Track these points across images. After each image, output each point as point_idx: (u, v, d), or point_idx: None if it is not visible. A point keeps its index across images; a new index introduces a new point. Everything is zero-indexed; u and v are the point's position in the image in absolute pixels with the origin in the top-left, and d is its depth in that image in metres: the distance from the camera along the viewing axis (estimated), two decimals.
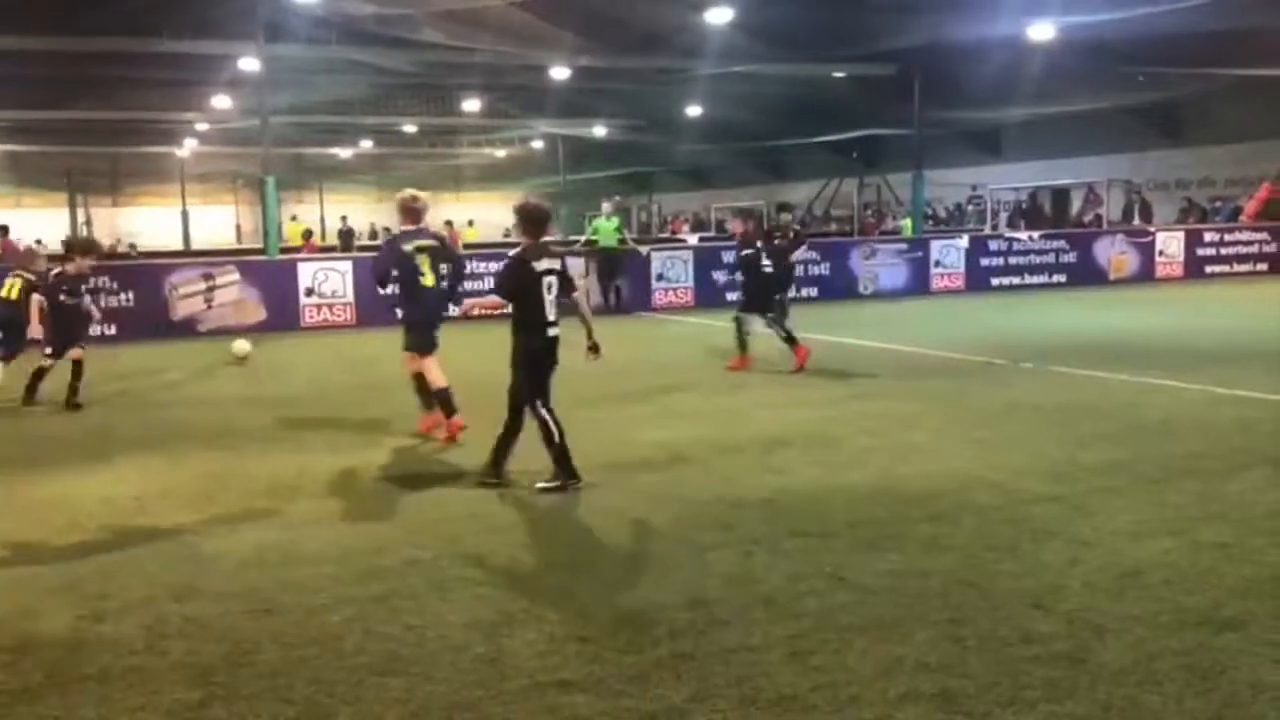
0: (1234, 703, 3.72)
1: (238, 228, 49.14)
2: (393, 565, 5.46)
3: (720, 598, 4.85)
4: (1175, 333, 14.54)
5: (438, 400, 8.59)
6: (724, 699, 3.86)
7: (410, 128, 41.05)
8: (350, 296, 18.19)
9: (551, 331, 6.92)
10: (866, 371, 11.65)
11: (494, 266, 19.27)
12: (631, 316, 19.08)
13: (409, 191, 8.96)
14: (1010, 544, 5.50)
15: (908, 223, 29.99)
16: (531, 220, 6.95)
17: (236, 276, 17.89)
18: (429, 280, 8.61)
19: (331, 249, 29.28)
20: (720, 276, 20.39)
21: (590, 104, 35.94)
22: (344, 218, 38.96)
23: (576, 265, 19.50)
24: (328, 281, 18.17)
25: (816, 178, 40.12)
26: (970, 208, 35.68)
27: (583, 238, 21.40)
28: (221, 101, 32.38)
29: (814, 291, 20.97)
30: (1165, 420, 8.54)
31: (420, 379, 8.76)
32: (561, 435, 6.84)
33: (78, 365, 10.80)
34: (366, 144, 45.24)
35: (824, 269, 21.26)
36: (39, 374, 10.74)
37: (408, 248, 8.57)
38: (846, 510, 6.22)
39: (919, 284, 21.79)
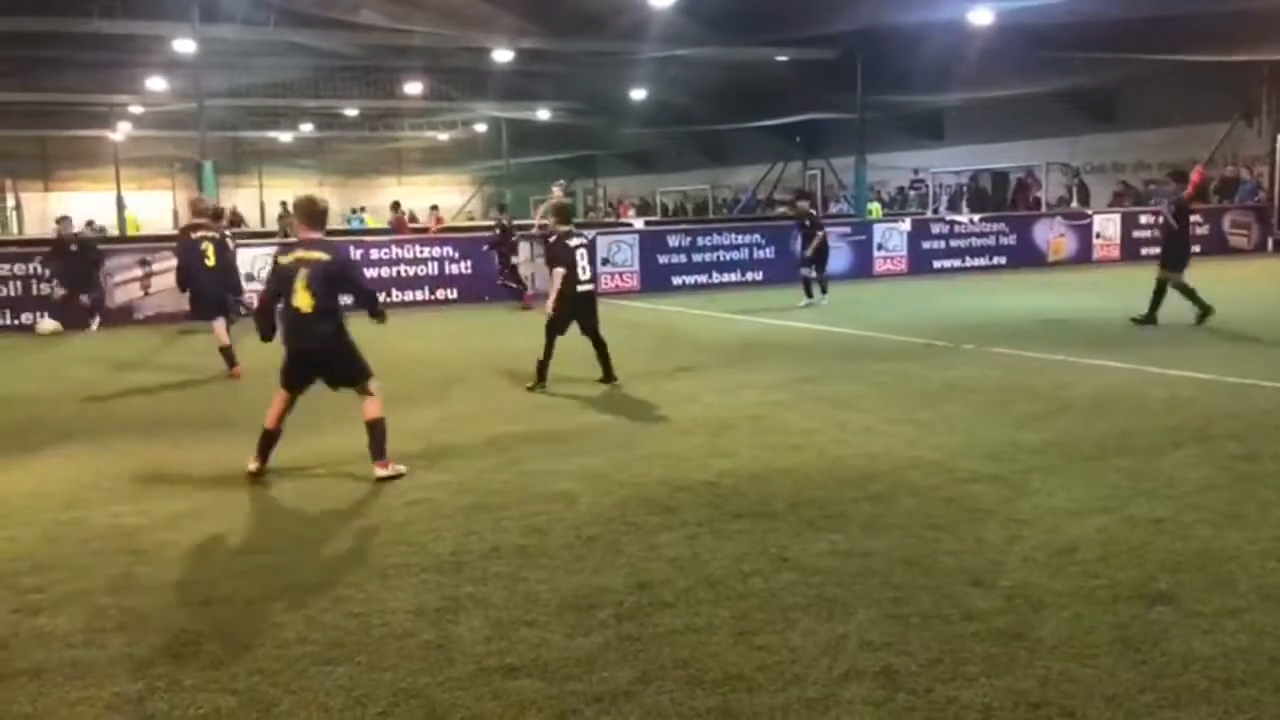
0: (1166, 673, 3.82)
1: (175, 213, 48.16)
2: (336, 554, 5.42)
3: (666, 580, 4.87)
4: (1111, 314, 14.82)
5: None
6: (670, 680, 3.88)
7: (351, 111, 40.55)
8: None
9: (583, 288, 9.92)
10: (810, 354, 11.75)
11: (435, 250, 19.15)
12: None
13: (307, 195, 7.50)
14: (950, 523, 5.59)
15: (875, 206, 30.23)
16: (563, 213, 10.38)
17: (174, 262, 17.52)
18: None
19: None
20: (665, 260, 20.44)
21: (533, 87, 35.76)
22: (284, 203, 38.31)
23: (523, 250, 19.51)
24: (268, 267, 17.89)
25: (760, 162, 40.27)
26: (912, 192, 36.02)
27: (536, 221, 21.27)
28: (156, 84, 31.73)
29: (758, 275, 21.07)
30: (1100, 400, 8.71)
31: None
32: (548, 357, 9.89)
33: None
34: (307, 128, 44.55)
35: (769, 253, 21.36)
36: None
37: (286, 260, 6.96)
38: (790, 492, 6.28)
39: (862, 267, 21.98)
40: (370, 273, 18.46)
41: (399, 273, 18.77)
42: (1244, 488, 6.06)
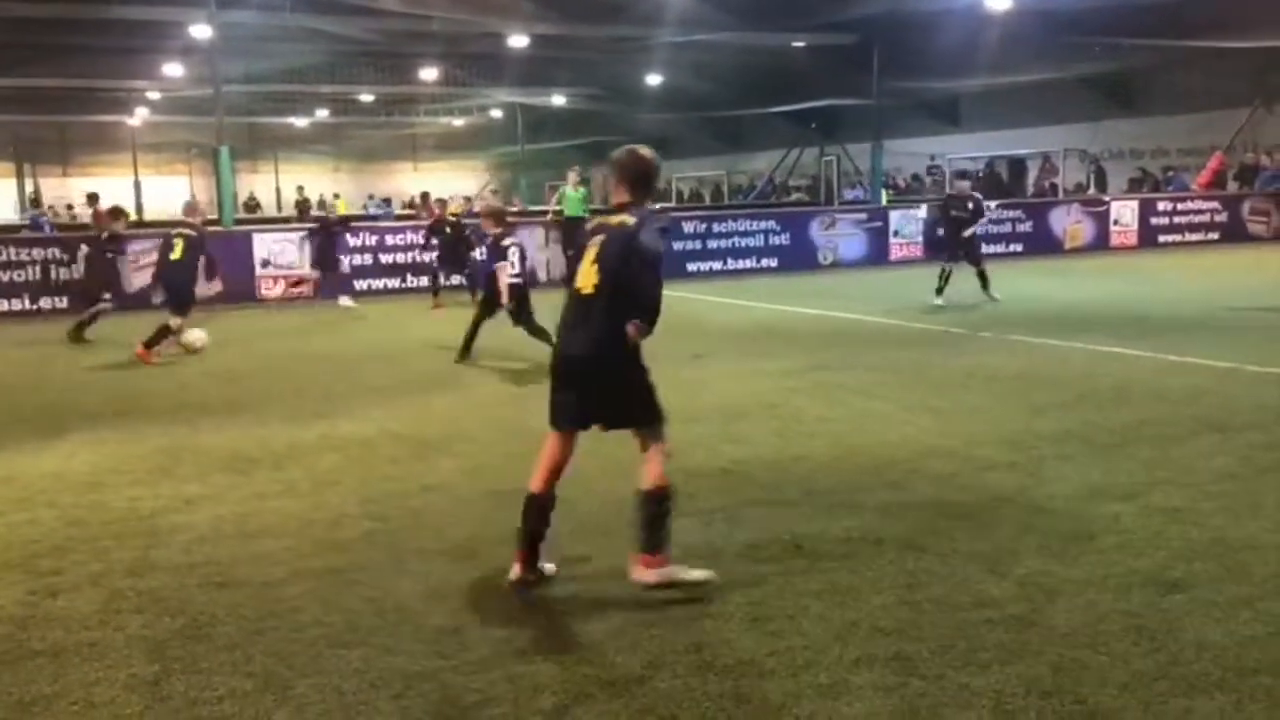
0: (1179, 661, 3.81)
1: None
2: (351, 538, 5.44)
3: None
4: (1129, 301, 14.74)
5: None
6: (682, 665, 3.90)
7: (367, 97, 40.59)
8: (307, 268, 17.99)
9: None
10: (826, 341, 11.73)
11: None
12: None
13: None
14: (965, 510, 5.58)
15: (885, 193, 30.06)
16: (498, 216, 9.03)
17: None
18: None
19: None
20: (680, 246, 20.40)
21: (549, 73, 35.71)
22: (300, 188, 38.47)
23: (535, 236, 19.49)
24: (284, 253, 17.97)
25: (776, 147, 40.12)
26: (928, 178, 35.85)
27: (550, 208, 21.26)
28: (174, 69, 31.83)
29: (773, 262, 21.03)
30: (1118, 388, 8.67)
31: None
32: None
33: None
34: (322, 113, 44.62)
35: (784, 239, 21.30)
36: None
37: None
38: (804, 479, 6.27)
39: (878, 254, 21.90)
40: (385, 258, 18.54)
41: (413, 258, 18.78)
42: (1263, 478, 6.02)
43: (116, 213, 14.39)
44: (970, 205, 15.30)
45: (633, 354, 4.61)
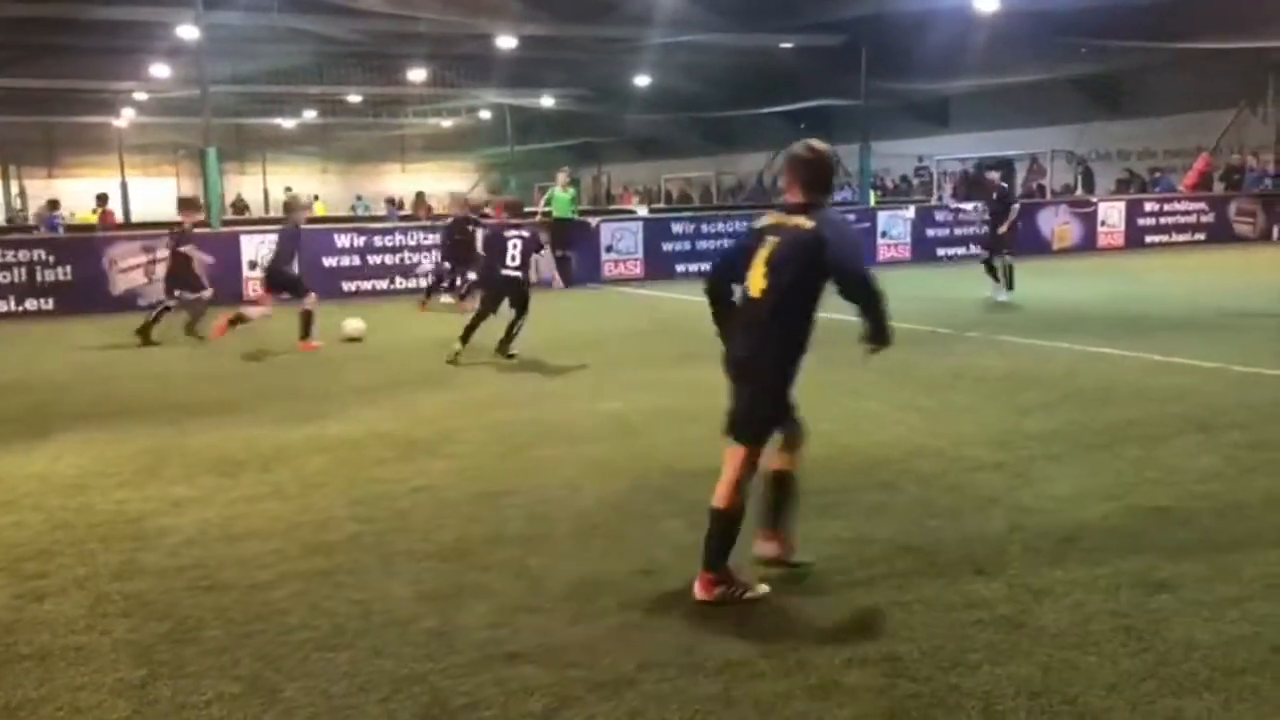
0: (1167, 661, 3.82)
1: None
2: (338, 540, 5.42)
3: (669, 567, 4.87)
4: (1116, 301, 14.78)
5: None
6: (672, 667, 3.89)
7: (355, 98, 40.49)
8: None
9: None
10: (816, 341, 11.70)
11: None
12: (581, 288, 19.02)
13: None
14: (954, 511, 5.59)
15: (872, 194, 30.07)
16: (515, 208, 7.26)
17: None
18: None
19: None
20: (669, 247, 20.40)
21: (537, 74, 35.69)
22: (288, 189, 38.37)
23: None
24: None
25: (765, 148, 40.14)
26: (916, 179, 35.95)
27: (540, 208, 21.26)
28: (160, 70, 31.71)
29: None
30: (1104, 388, 8.69)
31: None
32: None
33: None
34: (310, 114, 44.51)
35: None
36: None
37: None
38: None
39: (866, 254, 21.77)
40: (374, 260, 18.49)
41: (403, 260, 18.75)
42: (1248, 477, 6.05)
43: (188, 206, 14.21)
44: (995, 197, 15.25)
45: (783, 364, 4.59)
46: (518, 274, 10.85)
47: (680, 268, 20.42)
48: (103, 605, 4.63)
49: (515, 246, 10.79)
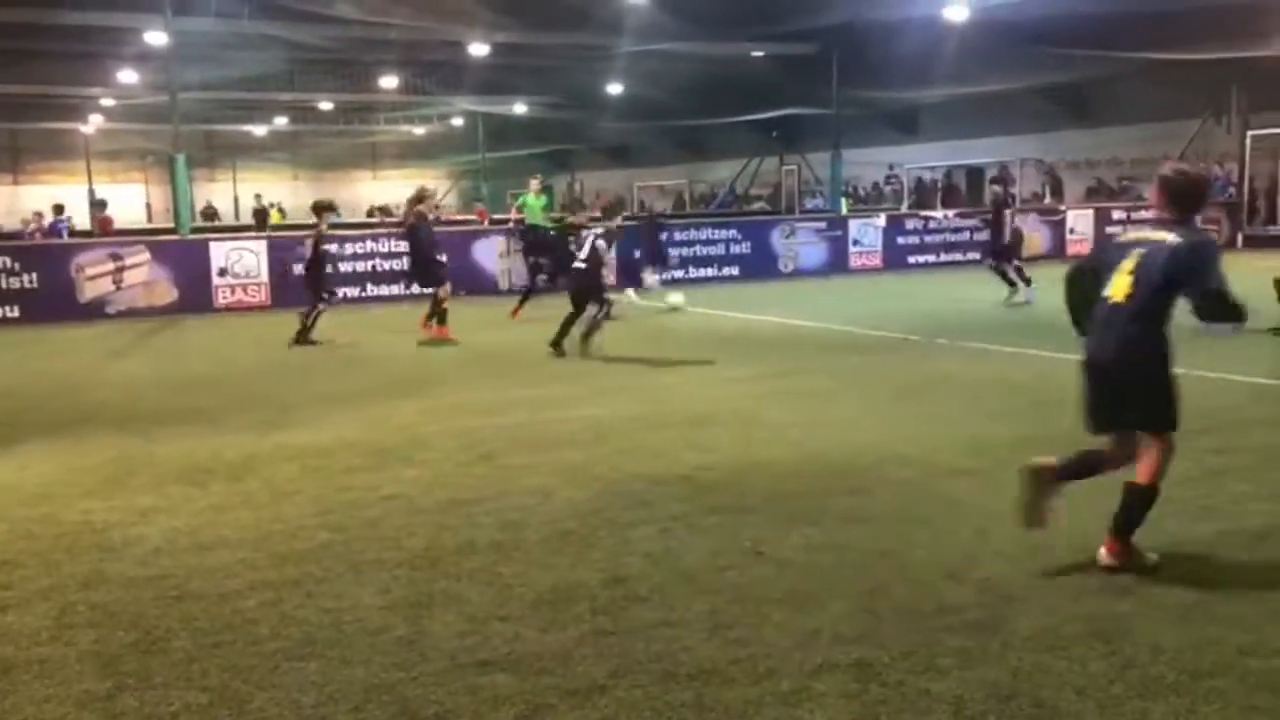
0: (1135, 665, 3.85)
1: (148, 207, 47.79)
2: (308, 548, 5.38)
3: (640, 574, 4.87)
4: None
5: None
6: (645, 674, 3.88)
7: (326, 105, 40.27)
8: (265, 276, 17.83)
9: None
10: (789, 349, 11.78)
11: None
12: (554, 296, 18.98)
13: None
14: (925, 516, 5.61)
15: (844, 202, 30.20)
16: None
17: (147, 256, 17.42)
18: None
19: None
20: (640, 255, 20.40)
21: (509, 81, 35.61)
22: (258, 196, 38.14)
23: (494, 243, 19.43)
24: (241, 261, 17.79)
25: (737, 157, 40.30)
26: (887, 187, 36.16)
27: (511, 216, 21.21)
28: (128, 76, 31.44)
29: (735, 270, 21.10)
30: (1074, 393, 8.73)
31: None
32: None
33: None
34: (281, 121, 44.25)
35: (745, 248, 21.39)
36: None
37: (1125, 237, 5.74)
38: (766, 485, 6.29)
39: (838, 262, 22.05)
40: (345, 267, 18.40)
41: (374, 266, 18.66)
42: (1215, 481, 6.11)
43: (320, 208, 14.07)
44: (992, 204, 16.31)
45: (1158, 359, 4.75)
46: (586, 267, 11.77)
47: (644, 276, 20.41)
48: (68, 616, 4.57)
49: (588, 244, 11.77)
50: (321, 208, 13.95)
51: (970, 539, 5.24)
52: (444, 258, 13.76)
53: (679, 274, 20.58)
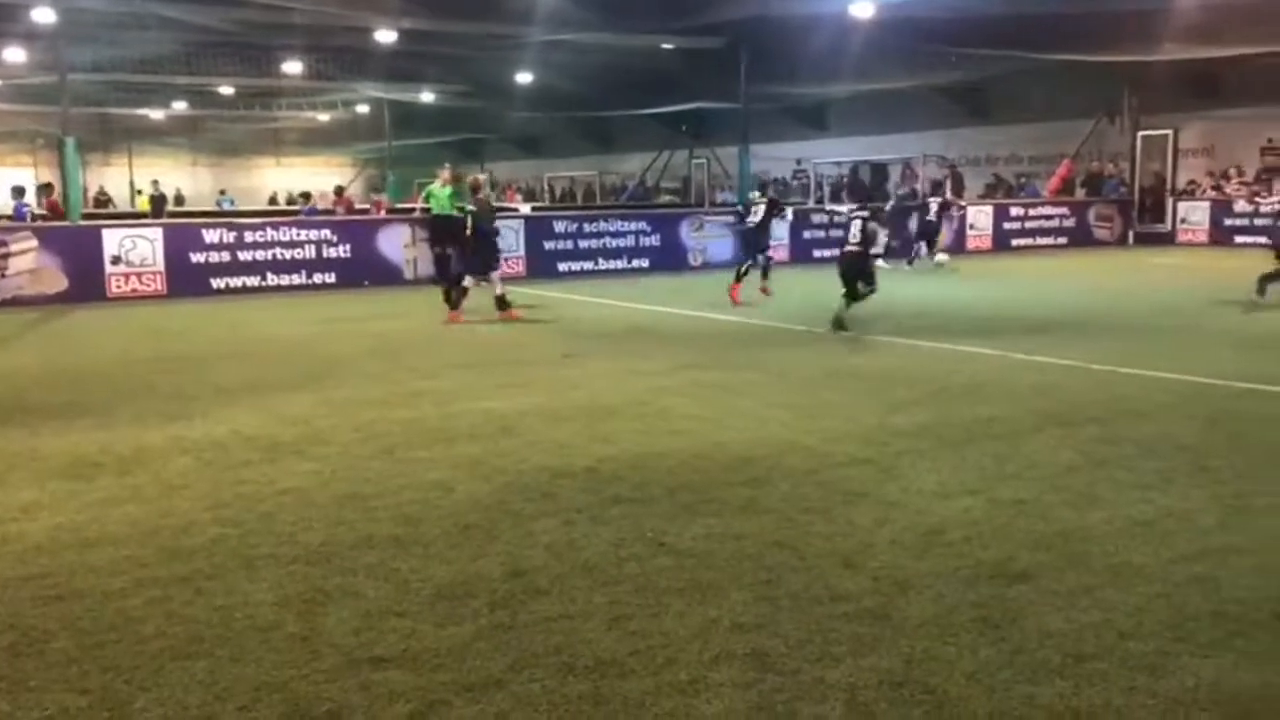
0: (1022, 650, 3.95)
1: (38, 190, 46.14)
2: (199, 544, 5.23)
3: (541, 567, 4.84)
4: (983, 302, 15.30)
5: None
6: (542, 668, 3.85)
7: (227, 89, 39.20)
8: (160, 265, 17.30)
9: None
10: (696, 342, 11.83)
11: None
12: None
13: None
14: (823, 506, 5.68)
15: (755, 195, 30.37)
16: None
17: (34, 243, 16.76)
18: None
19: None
20: (551, 246, 20.33)
21: (417, 68, 35.10)
22: (155, 182, 36.95)
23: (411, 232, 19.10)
24: (135, 249, 17.22)
25: (648, 149, 40.35)
26: (795, 182, 36.58)
27: (418, 205, 20.90)
28: (15, 55, 30.18)
29: (645, 263, 21.12)
30: (971, 385, 8.97)
31: None
32: None
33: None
34: (180, 105, 42.94)
35: (655, 240, 21.43)
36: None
37: None
38: (668, 477, 6.30)
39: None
40: (244, 256, 17.95)
41: (275, 255, 18.24)
42: (1101, 470, 6.30)
43: (475, 185, 15.10)
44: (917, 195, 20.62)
45: None
46: (859, 249, 12.29)
47: (563, 266, 20.38)
48: None
49: (857, 226, 12.33)
50: (474, 188, 15.11)
51: (867, 528, 5.32)
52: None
53: (589, 265, 20.58)
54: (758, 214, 16.39)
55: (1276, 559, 4.83)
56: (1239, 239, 24.17)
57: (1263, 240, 23.72)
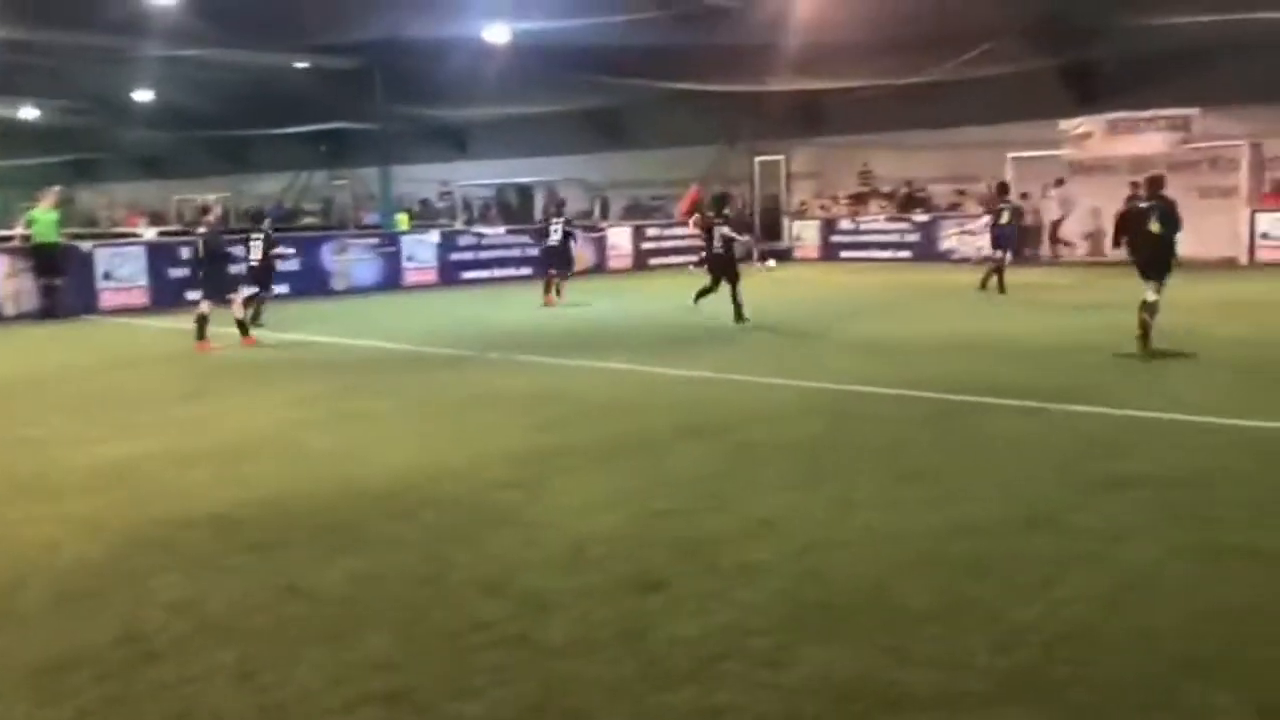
0: (656, 659, 4.06)
1: (549, 193, 37.34)
2: None
3: (159, 628, 4.43)
4: (626, 319, 15.90)
5: None
6: None
7: None
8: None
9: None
10: (337, 370, 11.42)
11: None
12: (73, 320, 17.11)
13: None
14: (469, 534, 5.62)
15: (403, 217, 29.79)
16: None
17: None
18: None
19: None
20: (179, 273, 18.95)
21: (16, 81, 31.65)
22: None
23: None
24: None
25: (285, 170, 38.69)
26: (441, 204, 36.42)
27: (18, 232, 18.76)
28: None
29: (285, 288, 20.16)
30: (615, 401, 9.25)
31: None
32: None
33: None
34: None
35: (294, 264, 20.52)
36: None
37: None
38: (308, 516, 6.00)
39: (392, 279, 21.84)
40: None
41: None
42: (733, 476, 6.67)
43: (205, 208, 15.23)
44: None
45: None
46: (722, 252, 14.66)
47: (192, 295, 19.01)
48: None
49: (720, 235, 14.68)
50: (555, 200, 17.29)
51: (512, 551, 5.32)
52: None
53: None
54: (557, 233, 18.36)
55: (870, 550, 5.29)
56: (843, 254, 27.27)
57: (863, 255, 26.74)
